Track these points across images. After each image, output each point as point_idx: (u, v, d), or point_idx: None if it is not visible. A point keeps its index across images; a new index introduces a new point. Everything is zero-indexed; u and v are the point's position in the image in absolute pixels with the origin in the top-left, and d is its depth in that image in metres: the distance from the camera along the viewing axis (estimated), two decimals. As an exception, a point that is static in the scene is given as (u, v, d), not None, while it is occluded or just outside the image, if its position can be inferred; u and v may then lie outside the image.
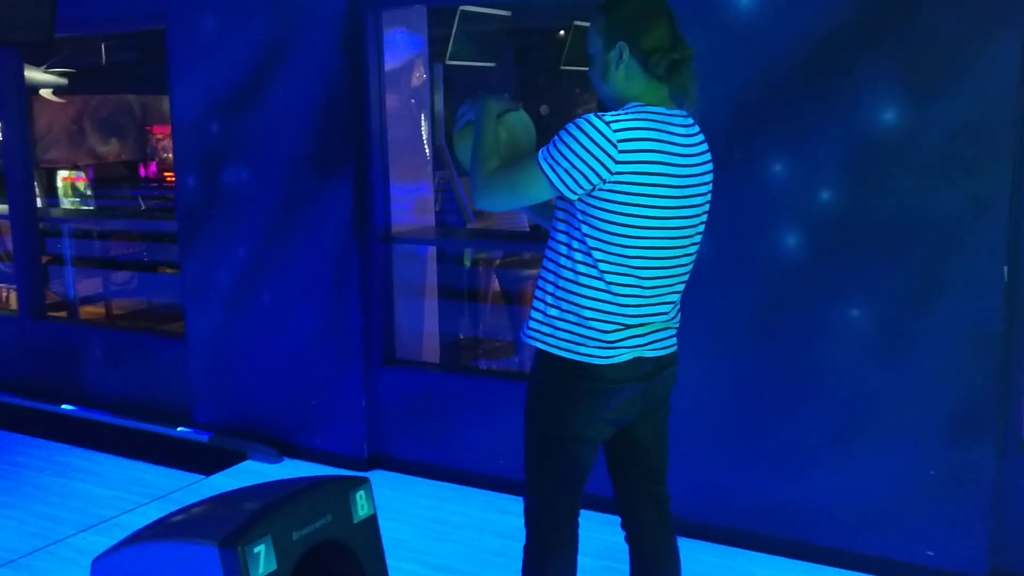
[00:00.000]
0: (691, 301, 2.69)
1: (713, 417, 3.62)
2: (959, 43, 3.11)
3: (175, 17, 4.71)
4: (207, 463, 4.60)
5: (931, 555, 3.31)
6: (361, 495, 2.45)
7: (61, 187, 8.27)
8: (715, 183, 2.37)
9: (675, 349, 2.41)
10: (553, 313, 2.29)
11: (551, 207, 2.36)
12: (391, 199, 4.45)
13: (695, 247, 2.34)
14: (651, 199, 2.18)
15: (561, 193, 2.20)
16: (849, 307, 3.35)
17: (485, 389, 4.28)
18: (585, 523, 2.55)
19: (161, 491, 4.30)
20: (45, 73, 9.56)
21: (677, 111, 2.27)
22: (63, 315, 6.48)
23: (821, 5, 3.28)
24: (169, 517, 2.44)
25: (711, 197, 2.35)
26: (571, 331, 2.26)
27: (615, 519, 2.56)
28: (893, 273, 3.28)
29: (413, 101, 4.71)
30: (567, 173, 2.16)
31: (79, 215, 7.35)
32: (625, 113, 2.19)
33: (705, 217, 2.34)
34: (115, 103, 11.51)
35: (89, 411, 5.29)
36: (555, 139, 2.19)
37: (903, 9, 3.17)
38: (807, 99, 3.34)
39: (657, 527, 2.52)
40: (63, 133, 11.10)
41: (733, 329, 3.56)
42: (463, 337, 5.76)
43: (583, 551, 2.55)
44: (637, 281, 2.23)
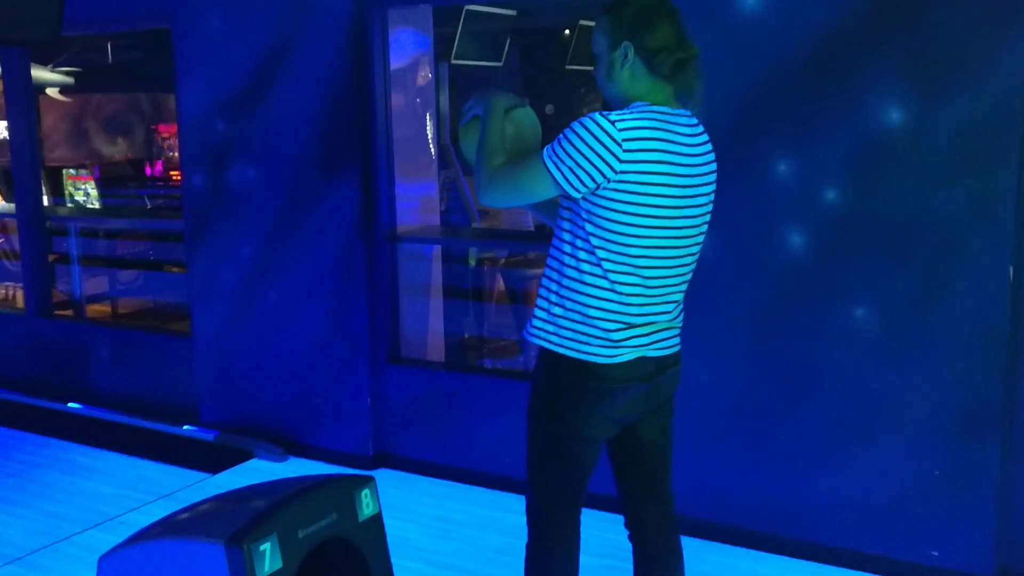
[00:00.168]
0: (695, 300, 2.69)
1: (717, 416, 3.62)
2: (965, 42, 3.10)
3: (180, 16, 4.72)
4: (213, 461, 4.61)
5: (936, 555, 3.31)
6: (366, 493, 2.46)
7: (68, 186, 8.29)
8: (720, 182, 2.37)
9: (678, 349, 2.41)
10: (557, 312, 2.29)
11: (555, 205, 2.36)
12: (396, 198, 4.45)
13: (698, 247, 2.34)
14: (655, 198, 2.18)
15: (565, 191, 2.20)
16: (853, 307, 3.35)
17: (490, 388, 4.29)
18: (588, 521, 2.55)
19: (167, 489, 4.31)
20: (52, 72, 9.59)
21: (682, 111, 2.27)
22: (69, 314, 6.50)
23: (826, 4, 3.28)
24: (175, 515, 2.45)
25: (715, 197, 2.35)
26: (575, 330, 2.27)
27: (618, 517, 2.57)
28: (898, 272, 3.28)
29: (418, 100, 4.71)
30: (571, 171, 2.16)
31: (85, 214, 7.36)
32: (630, 112, 2.19)
33: (709, 217, 2.34)
34: (122, 102, 11.53)
35: (95, 409, 5.30)
36: (560, 137, 2.20)
37: (908, 8, 3.17)
38: (812, 98, 3.33)
39: (661, 526, 2.52)
40: (70, 132, 11.12)
41: (737, 328, 3.56)
42: (468, 336, 5.77)
43: (586, 550, 2.55)
44: (641, 280, 2.24)
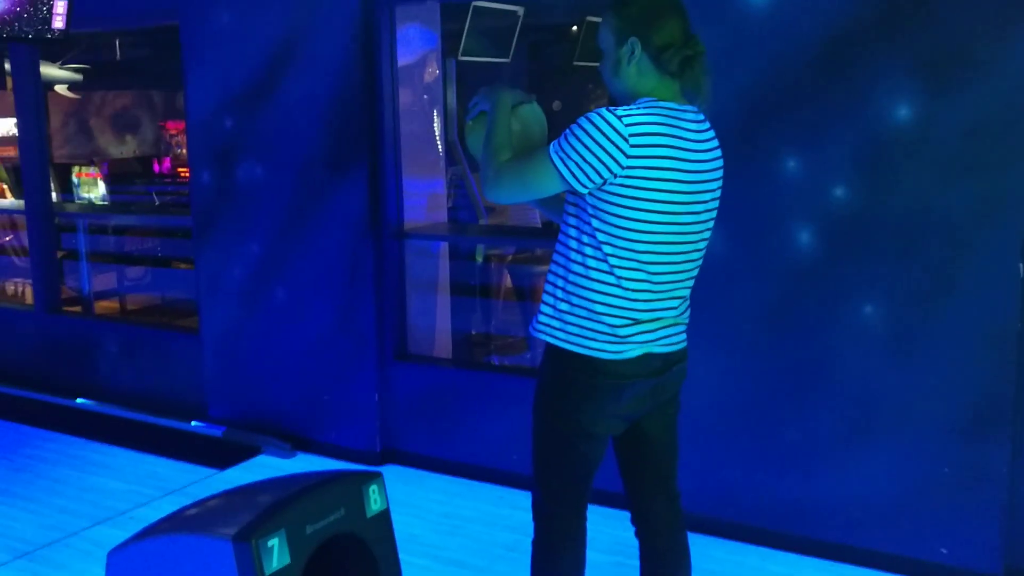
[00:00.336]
0: (702, 297, 2.69)
1: (725, 413, 3.62)
2: (973, 40, 3.09)
3: (189, 13, 4.73)
4: (221, 457, 4.62)
5: (944, 552, 3.30)
6: (374, 489, 2.47)
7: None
8: (728, 179, 2.37)
9: (685, 345, 2.41)
10: (563, 307, 2.29)
11: (561, 201, 2.36)
12: (404, 195, 4.46)
13: (704, 243, 2.34)
14: (662, 194, 2.18)
15: (571, 187, 2.20)
16: (861, 304, 3.34)
17: (497, 385, 4.29)
18: (596, 518, 2.55)
19: (175, 485, 4.32)
20: (61, 69, 9.61)
21: (688, 107, 2.26)
22: (78, 310, 6.52)
23: (834, 1, 3.26)
24: (183, 511, 2.46)
25: (721, 193, 2.35)
26: (581, 325, 2.27)
27: (626, 514, 2.56)
28: (906, 270, 3.26)
29: (426, 97, 4.71)
30: (578, 167, 2.16)
31: (94, 211, 7.39)
32: (637, 108, 2.18)
33: (715, 213, 2.34)
34: (130, 98, 11.56)
35: (104, 405, 5.32)
36: (566, 132, 2.19)
37: (917, 5, 3.15)
38: (820, 95, 3.32)
39: (667, 522, 2.52)
40: (78, 129, 11.15)
41: (744, 326, 3.55)
42: (475, 333, 5.77)
43: (594, 546, 2.55)
44: (647, 276, 2.23)
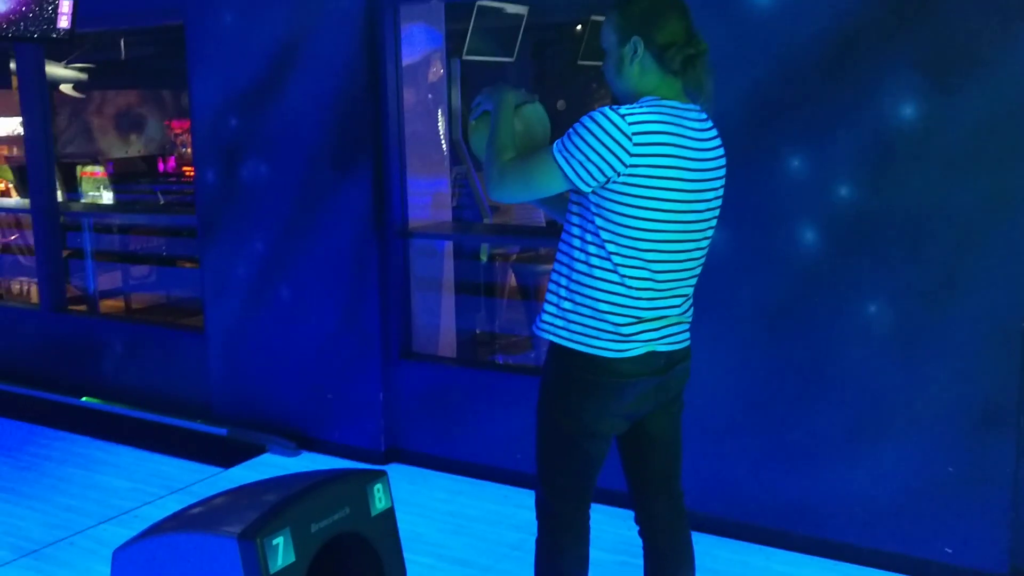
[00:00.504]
0: (707, 296, 2.69)
1: (730, 412, 3.61)
2: (979, 37, 3.08)
3: (193, 12, 4.73)
4: (226, 456, 4.63)
5: (949, 552, 3.30)
6: (379, 488, 2.47)
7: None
8: (733, 178, 2.37)
9: (688, 344, 2.41)
10: (567, 306, 2.29)
11: (564, 200, 2.36)
12: (408, 194, 4.46)
13: (707, 241, 2.34)
14: (665, 192, 2.18)
15: (575, 185, 2.20)
16: (867, 303, 3.34)
17: (501, 384, 4.29)
18: (600, 517, 2.55)
19: (180, 483, 4.33)
20: (66, 68, 9.62)
21: (691, 105, 2.27)
22: (83, 309, 6.54)
23: (840, -1, 3.26)
24: (189, 509, 2.47)
25: (726, 192, 2.35)
26: (585, 324, 2.27)
27: (630, 513, 2.56)
28: (912, 269, 3.26)
29: (430, 96, 4.71)
30: (581, 166, 2.16)
31: (99, 209, 7.40)
32: (640, 107, 2.19)
33: (718, 211, 2.34)
34: (135, 98, 11.57)
35: (109, 404, 5.33)
36: (570, 132, 2.20)
37: (923, 3, 3.15)
38: (825, 94, 3.32)
39: (671, 521, 2.52)
40: (83, 128, 11.17)
41: (751, 324, 3.55)
42: (480, 332, 5.77)
43: (598, 545, 2.55)
44: (650, 274, 2.24)
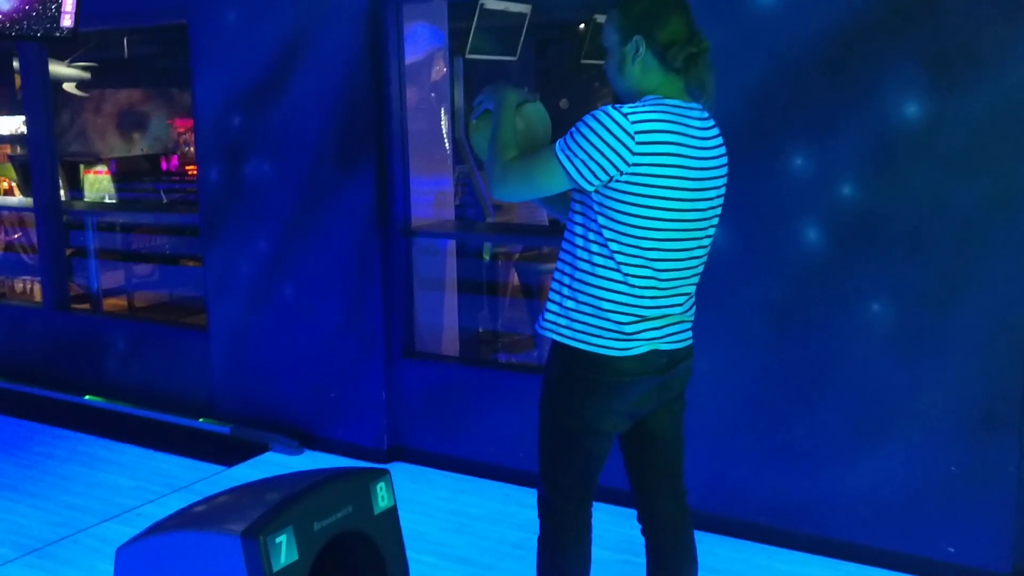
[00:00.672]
0: (711, 295, 2.69)
1: (733, 411, 3.61)
2: (982, 35, 3.08)
3: (197, 11, 4.74)
4: (229, 454, 4.63)
5: (952, 551, 3.30)
6: (382, 487, 2.47)
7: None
8: (736, 177, 2.37)
9: (690, 343, 2.41)
10: (570, 305, 2.30)
11: (566, 200, 2.37)
12: (411, 193, 4.46)
13: (709, 239, 2.34)
14: (668, 191, 2.18)
15: (578, 184, 2.21)
16: (870, 302, 3.33)
17: (504, 382, 4.29)
18: (604, 516, 2.55)
19: (183, 482, 4.34)
20: (69, 67, 9.64)
21: (693, 104, 2.27)
22: (87, 307, 6.55)
23: (843, -2, 3.26)
24: (192, 507, 2.47)
25: (729, 191, 2.35)
26: (588, 323, 2.27)
27: (633, 512, 2.56)
28: (915, 268, 3.26)
29: (433, 95, 4.72)
30: (584, 164, 2.17)
31: (102, 208, 7.41)
32: (642, 105, 2.19)
33: (720, 209, 2.34)
34: (138, 97, 11.58)
35: (112, 403, 5.34)
36: (572, 130, 2.20)
37: (926, 1, 3.15)
38: (828, 92, 3.32)
39: (674, 520, 2.52)
40: (87, 127, 11.18)
41: (754, 323, 3.55)
42: (483, 330, 5.77)
43: (601, 544, 2.56)
44: (653, 273, 2.24)
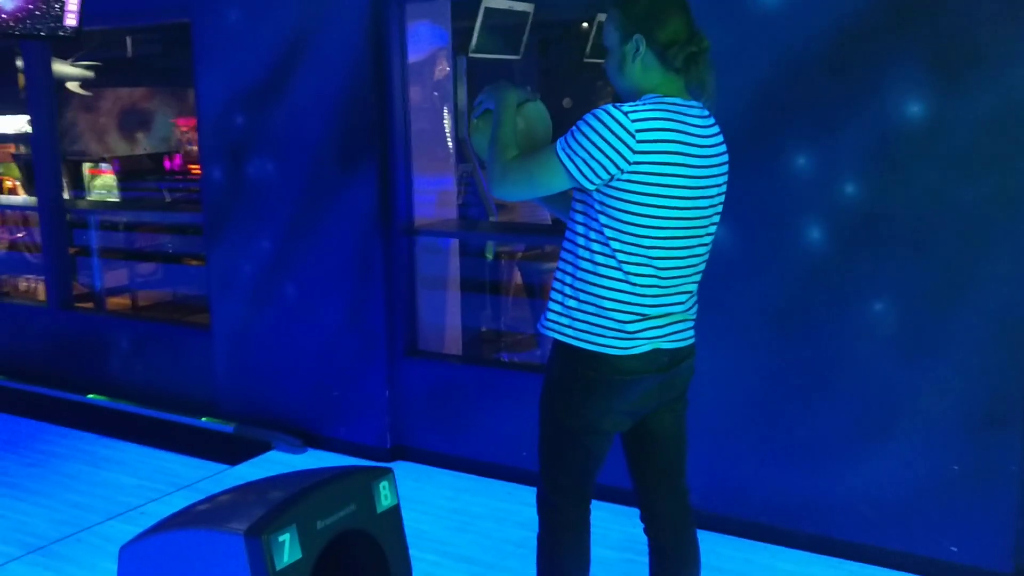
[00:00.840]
0: (713, 294, 2.69)
1: (735, 410, 3.61)
2: (985, 34, 3.07)
3: (200, 10, 4.74)
4: (232, 453, 4.64)
5: (954, 551, 3.30)
6: (384, 485, 2.48)
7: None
8: (738, 176, 2.37)
9: (693, 341, 2.41)
10: (572, 304, 2.30)
11: (567, 199, 2.37)
12: (414, 192, 4.47)
13: (710, 237, 2.35)
14: (669, 189, 2.18)
15: (579, 183, 2.21)
16: (873, 301, 3.33)
17: (507, 381, 4.30)
18: (606, 515, 2.56)
19: (186, 480, 4.34)
20: (72, 66, 9.64)
21: (693, 103, 2.27)
22: (90, 306, 6.56)
23: (846, -3, 3.26)
24: (195, 506, 2.48)
25: (731, 190, 2.35)
26: (590, 321, 2.27)
27: (636, 511, 2.56)
28: (918, 267, 3.26)
29: (436, 94, 4.72)
30: (585, 163, 2.17)
31: (105, 207, 7.42)
32: (643, 104, 2.19)
33: (721, 208, 2.35)
34: (141, 96, 11.59)
35: (116, 401, 5.35)
36: (573, 129, 2.20)
37: (928, 0, 3.15)
38: (830, 92, 3.31)
39: (676, 519, 2.52)
40: (90, 127, 11.19)
41: (756, 322, 3.55)
42: (485, 329, 5.78)
43: (604, 543, 2.56)
44: (655, 271, 2.24)
